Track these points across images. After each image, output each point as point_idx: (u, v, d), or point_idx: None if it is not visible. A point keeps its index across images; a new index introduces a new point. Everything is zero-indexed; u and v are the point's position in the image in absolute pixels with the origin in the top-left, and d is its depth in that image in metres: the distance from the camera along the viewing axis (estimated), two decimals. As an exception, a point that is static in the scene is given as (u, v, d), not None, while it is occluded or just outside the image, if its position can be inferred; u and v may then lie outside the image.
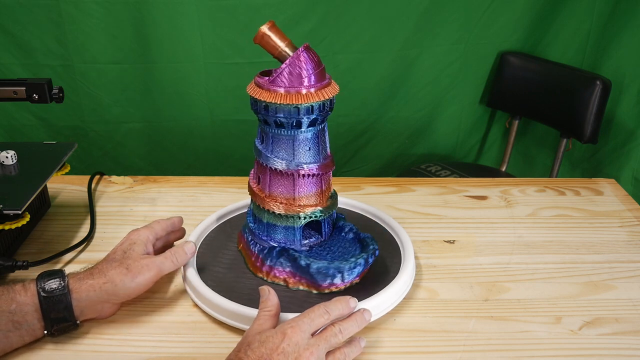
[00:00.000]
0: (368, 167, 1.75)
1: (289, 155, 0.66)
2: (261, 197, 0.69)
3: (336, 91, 0.64)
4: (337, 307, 0.59)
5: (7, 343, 0.58)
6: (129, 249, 0.65)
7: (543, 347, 0.62)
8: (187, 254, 0.68)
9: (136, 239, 0.67)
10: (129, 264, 0.63)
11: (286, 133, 0.64)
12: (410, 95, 1.65)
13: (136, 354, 0.61)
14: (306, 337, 0.54)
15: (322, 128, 0.67)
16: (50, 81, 0.76)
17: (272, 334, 0.54)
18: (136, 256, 0.64)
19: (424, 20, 1.54)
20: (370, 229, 0.79)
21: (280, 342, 0.53)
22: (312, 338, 0.55)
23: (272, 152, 0.66)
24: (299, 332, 0.54)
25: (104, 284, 0.61)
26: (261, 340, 0.53)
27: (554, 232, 0.84)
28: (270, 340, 0.53)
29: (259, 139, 0.68)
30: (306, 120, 0.63)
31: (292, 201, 0.67)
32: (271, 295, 0.60)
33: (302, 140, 0.65)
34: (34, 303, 0.58)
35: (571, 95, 1.49)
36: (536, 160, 1.81)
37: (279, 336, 0.53)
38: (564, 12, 1.58)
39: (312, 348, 0.53)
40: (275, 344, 0.52)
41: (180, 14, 1.43)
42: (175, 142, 1.63)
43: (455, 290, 0.71)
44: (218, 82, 1.53)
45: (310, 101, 0.62)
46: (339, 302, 0.59)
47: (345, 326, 0.57)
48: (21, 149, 0.82)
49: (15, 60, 1.46)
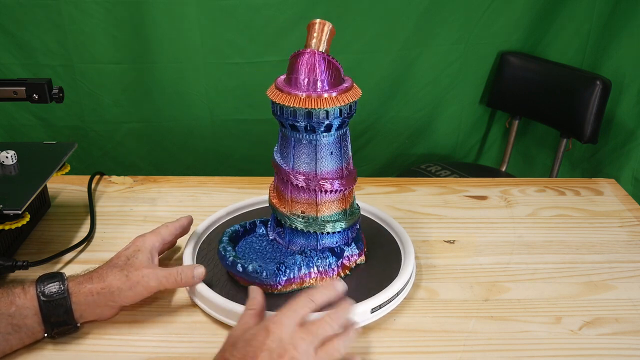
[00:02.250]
0: (368, 167, 1.75)
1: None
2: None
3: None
4: (323, 293, 0.56)
5: (6, 345, 0.58)
6: (133, 256, 0.64)
7: (543, 347, 0.62)
8: (194, 278, 0.65)
9: (141, 246, 0.66)
10: (130, 272, 0.62)
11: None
12: (410, 95, 1.65)
13: (136, 354, 0.61)
14: (290, 330, 0.52)
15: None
16: (50, 81, 0.76)
17: (255, 332, 0.52)
18: (138, 265, 0.63)
19: (424, 20, 1.54)
20: (370, 229, 0.80)
21: (265, 339, 0.50)
22: (297, 331, 0.52)
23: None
24: (282, 327, 0.51)
25: (101, 289, 0.60)
26: (245, 339, 0.51)
27: (554, 232, 0.84)
28: (254, 338, 0.51)
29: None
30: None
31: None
32: (257, 294, 0.59)
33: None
34: (34, 306, 0.58)
35: (571, 95, 1.49)
36: (536, 160, 1.81)
37: (263, 333, 0.51)
38: (564, 12, 1.58)
39: (296, 342, 0.51)
40: (259, 342, 0.50)
41: (180, 14, 1.43)
42: (175, 142, 1.63)
43: (455, 290, 0.71)
44: (218, 82, 1.53)
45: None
46: (324, 288, 0.57)
47: (337, 315, 0.55)
48: (21, 149, 0.82)
49: (15, 60, 1.46)
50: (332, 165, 0.66)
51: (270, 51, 1.50)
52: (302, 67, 0.61)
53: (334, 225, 0.68)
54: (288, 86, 0.63)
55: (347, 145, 0.68)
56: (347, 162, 0.68)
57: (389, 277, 0.68)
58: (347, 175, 0.68)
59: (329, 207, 0.67)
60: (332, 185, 0.66)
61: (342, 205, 0.68)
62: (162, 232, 0.69)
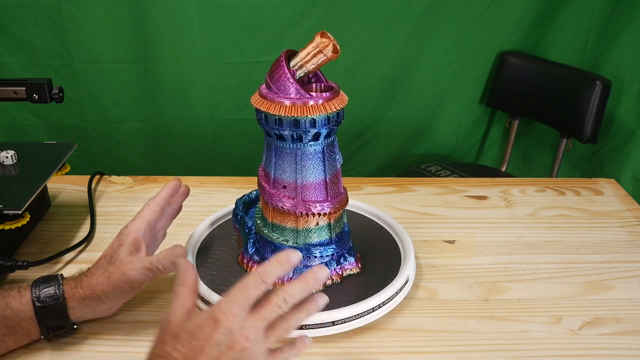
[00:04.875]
0: (368, 167, 1.75)
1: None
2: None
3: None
4: (275, 269, 0.48)
5: (2, 346, 0.58)
6: (115, 252, 0.61)
7: (543, 347, 0.62)
8: (176, 262, 0.58)
9: (123, 239, 0.62)
10: (111, 272, 0.59)
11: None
12: (410, 95, 1.65)
13: (136, 354, 0.61)
14: (240, 318, 0.46)
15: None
16: (50, 81, 0.76)
17: (201, 321, 0.45)
18: (119, 262, 0.60)
19: (424, 20, 1.53)
20: (370, 229, 0.80)
21: (212, 331, 0.45)
22: (248, 317, 0.46)
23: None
24: (231, 317, 0.45)
25: (90, 294, 0.59)
26: (189, 330, 0.45)
27: (554, 232, 0.84)
28: (200, 330, 0.45)
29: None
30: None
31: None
32: (189, 268, 0.50)
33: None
34: (29, 310, 0.57)
35: (571, 95, 1.49)
36: (536, 160, 1.81)
37: (210, 324, 0.45)
38: (563, 12, 1.58)
39: (247, 331, 0.45)
40: (206, 334, 0.45)
41: (180, 14, 1.43)
42: (175, 142, 1.63)
43: (455, 290, 0.71)
44: (218, 81, 1.53)
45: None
46: (276, 262, 0.49)
47: (292, 293, 0.48)
48: (21, 149, 0.82)
49: (16, 60, 1.46)
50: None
51: (270, 51, 1.50)
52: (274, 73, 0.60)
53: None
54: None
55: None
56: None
57: (389, 277, 0.68)
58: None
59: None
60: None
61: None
62: (144, 213, 0.65)
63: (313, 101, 0.59)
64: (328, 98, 0.60)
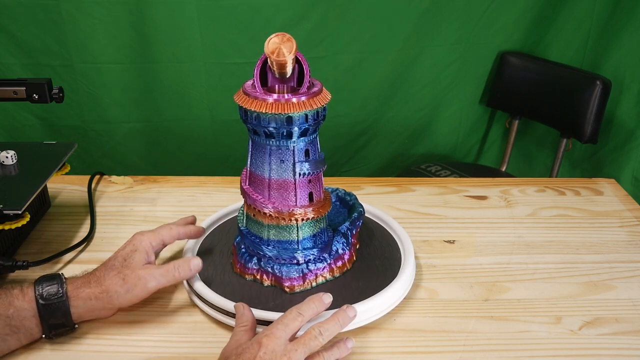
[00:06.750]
0: (368, 167, 1.75)
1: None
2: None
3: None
4: (310, 307, 0.58)
5: (4, 346, 0.58)
6: (129, 256, 0.63)
7: (543, 347, 0.62)
8: (191, 270, 0.65)
9: (138, 245, 0.65)
10: (126, 275, 0.61)
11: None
12: (410, 95, 1.65)
13: (136, 354, 0.61)
14: (282, 343, 0.53)
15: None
16: (50, 81, 0.76)
17: (248, 346, 0.53)
18: (135, 266, 0.62)
19: (424, 20, 1.53)
20: (370, 229, 0.80)
21: (257, 352, 0.51)
22: (289, 344, 0.53)
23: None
24: (274, 339, 0.53)
25: (100, 294, 0.60)
26: (238, 353, 0.52)
27: (554, 232, 0.84)
28: (247, 352, 0.52)
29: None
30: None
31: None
32: (246, 310, 0.59)
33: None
34: (32, 308, 0.58)
35: (571, 95, 1.49)
36: (536, 160, 1.81)
37: (255, 346, 0.52)
38: (564, 12, 1.58)
39: (289, 354, 0.52)
40: (252, 354, 0.51)
41: (180, 14, 1.43)
42: (175, 142, 1.63)
43: (455, 290, 0.71)
44: (218, 82, 1.53)
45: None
46: (311, 301, 0.58)
47: (326, 327, 0.56)
48: (21, 149, 0.82)
49: (16, 60, 1.46)
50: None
51: (270, 51, 1.50)
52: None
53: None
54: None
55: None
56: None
57: (389, 277, 0.68)
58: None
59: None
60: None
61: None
62: (162, 233, 0.68)
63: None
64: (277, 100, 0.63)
